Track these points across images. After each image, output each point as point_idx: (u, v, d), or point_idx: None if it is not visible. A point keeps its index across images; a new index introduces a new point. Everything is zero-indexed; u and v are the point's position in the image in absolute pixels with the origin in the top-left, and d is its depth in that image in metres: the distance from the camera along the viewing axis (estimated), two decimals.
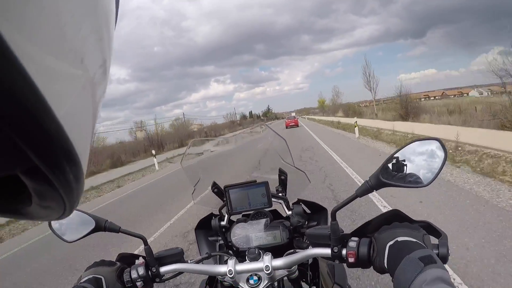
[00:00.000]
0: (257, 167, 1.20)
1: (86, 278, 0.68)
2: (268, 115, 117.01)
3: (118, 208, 6.26)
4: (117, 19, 0.23)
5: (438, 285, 0.44)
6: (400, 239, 0.56)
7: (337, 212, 0.62)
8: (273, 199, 0.88)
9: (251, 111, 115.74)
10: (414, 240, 0.55)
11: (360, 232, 0.67)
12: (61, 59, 0.15)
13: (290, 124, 26.35)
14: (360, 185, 0.59)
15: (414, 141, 0.57)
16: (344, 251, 0.62)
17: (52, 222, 0.74)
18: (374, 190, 0.57)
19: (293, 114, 46.15)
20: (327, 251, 0.64)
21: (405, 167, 0.55)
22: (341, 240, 0.63)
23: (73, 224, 0.75)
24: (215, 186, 0.97)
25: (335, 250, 0.63)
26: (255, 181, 0.88)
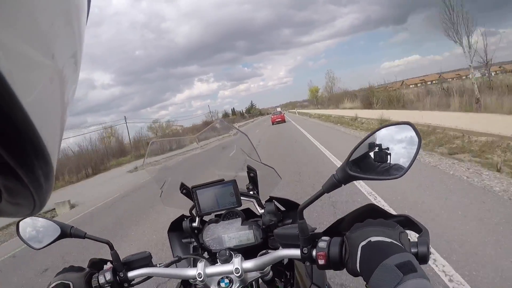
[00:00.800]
0: (224, 165, 1.23)
1: (54, 284, 0.72)
2: (252, 112, 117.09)
3: None
4: (89, 13, 0.24)
5: None
6: (373, 239, 0.53)
7: (304, 210, 0.60)
8: (243, 198, 0.89)
9: (233, 108, 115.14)
10: (389, 240, 0.52)
11: (332, 230, 0.67)
12: (31, 50, 0.16)
13: (276, 120, 26.03)
14: None
15: (382, 127, 0.53)
16: (314, 252, 0.61)
17: (20, 230, 0.79)
18: (343, 184, 0.54)
19: (279, 109, 44.25)
20: (296, 252, 0.64)
21: (374, 156, 0.52)
22: (311, 240, 0.62)
23: (40, 232, 0.79)
24: (183, 187, 0.98)
25: (305, 251, 0.62)
26: (223, 179, 0.89)
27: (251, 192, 0.98)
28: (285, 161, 6.46)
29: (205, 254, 0.94)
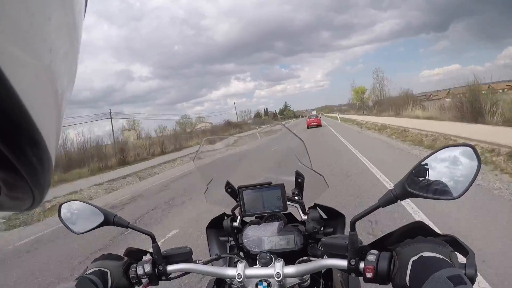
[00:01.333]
0: (272, 168, 1.27)
1: (92, 270, 0.75)
2: (285, 113, 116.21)
3: None
4: (86, 7, 0.26)
5: None
6: (425, 254, 0.56)
7: (356, 222, 0.64)
8: (288, 203, 0.93)
9: (266, 109, 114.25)
10: (441, 256, 0.55)
11: (380, 244, 0.69)
12: (28, 45, 0.16)
13: (312, 123, 25.96)
14: None
15: (443, 148, 0.56)
16: (361, 265, 0.64)
17: (62, 212, 0.84)
18: (399, 200, 0.58)
19: (314, 112, 42.85)
20: (343, 263, 0.66)
21: (432, 176, 0.55)
22: (359, 252, 0.65)
23: (83, 216, 0.83)
24: (228, 185, 1.03)
25: (352, 263, 0.65)
26: (270, 182, 0.93)
27: (296, 198, 1.01)
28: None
29: (241, 255, 0.98)
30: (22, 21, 0.16)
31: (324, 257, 0.74)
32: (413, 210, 3.39)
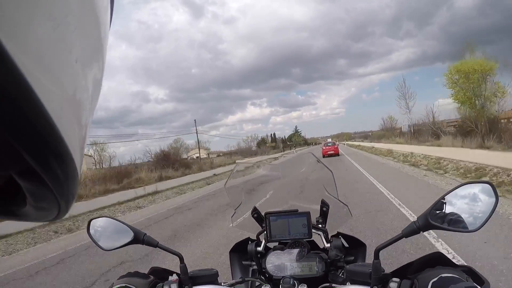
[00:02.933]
0: (298, 195, 1.47)
1: (118, 286, 0.86)
2: (294, 139, 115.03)
3: None
4: (112, 16, 0.30)
5: None
6: (444, 275, 0.69)
7: (380, 252, 0.78)
8: (313, 230, 1.10)
9: (273, 134, 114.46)
10: (459, 277, 0.68)
11: (401, 273, 0.83)
12: (55, 61, 0.19)
13: (328, 152, 25.83)
14: None
15: (464, 184, 0.71)
16: None
17: (91, 228, 0.95)
18: (421, 231, 0.73)
19: (330, 139, 43.25)
20: None
21: (453, 209, 0.70)
22: (382, 280, 0.79)
23: (112, 233, 0.95)
24: (255, 211, 1.22)
25: None
26: (297, 210, 1.10)
27: (320, 225, 1.19)
28: None
29: (263, 279, 1.13)
30: (48, 34, 0.18)
31: (347, 284, 0.89)
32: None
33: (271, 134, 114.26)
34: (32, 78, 0.17)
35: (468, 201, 0.69)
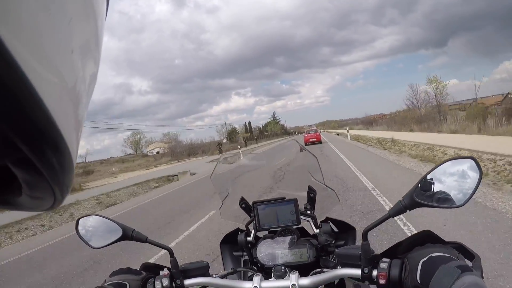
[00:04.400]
0: (284, 183, 1.63)
1: (110, 282, 0.96)
2: (270, 129, 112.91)
3: None
4: (108, 7, 0.34)
5: None
6: (434, 254, 0.77)
7: (368, 233, 0.86)
8: (301, 217, 1.23)
9: (248, 123, 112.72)
10: (449, 255, 0.76)
11: (391, 253, 0.93)
12: (51, 51, 0.21)
13: (310, 140, 29.76)
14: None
15: (447, 160, 0.78)
16: (374, 272, 0.86)
17: (79, 228, 1.05)
18: (408, 210, 0.80)
19: (314, 128, 45.50)
20: (357, 271, 0.89)
21: (438, 186, 0.77)
22: (372, 261, 0.87)
23: (100, 231, 1.05)
24: (243, 201, 1.36)
25: (366, 271, 0.87)
26: (284, 198, 1.23)
27: (309, 212, 1.34)
28: None
29: (255, 269, 1.25)
30: (43, 25, 0.20)
31: (338, 267, 0.99)
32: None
33: (245, 123, 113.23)
34: (27, 67, 0.18)
35: (452, 177, 0.77)
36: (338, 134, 46.97)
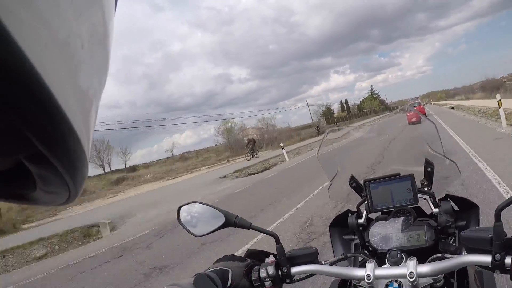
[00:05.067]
0: (398, 156, 1.58)
1: (213, 269, 0.97)
2: (368, 105, 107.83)
3: None
4: (117, 5, 0.36)
5: None
6: None
7: (502, 212, 0.77)
8: (418, 195, 1.16)
9: (345, 100, 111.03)
10: None
11: None
12: (62, 45, 0.23)
13: (412, 120, 24.92)
14: None
15: None
16: (508, 260, 0.77)
17: (182, 216, 1.10)
18: None
19: (418, 100, 42.86)
20: (486, 258, 0.80)
21: None
22: (505, 246, 0.78)
23: (204, 218, 1.08)
24: (353, 180, 1.34)
25: (497, 258, 0.78)
26: (399, 174, 1.18)
27: (426, 189, 1.27)
28: None
29: (367, 254, 1.21)
30: (54, 19, 0.22)
31: (463, 253, 0.92)
32: None
33: (341, 101, 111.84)
34: (37, 60, 0.20)
35: None
36: (453, 108, 35.13)
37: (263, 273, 1.01)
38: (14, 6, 0.18)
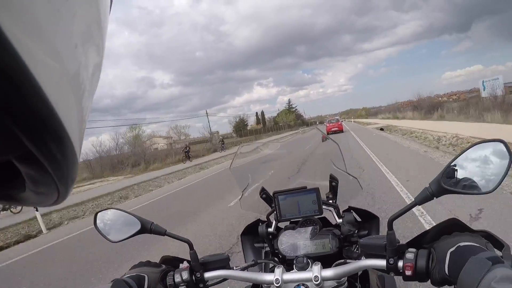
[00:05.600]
0: (306, 172, 1.75)
1: (129, 275, 1.03)
2: (283, 120, 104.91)
3: None
4: (111, 6, 0.37)
5: (510, 284, 0.62)
6: (462, 244, 0.80)
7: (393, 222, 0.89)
8: (323, 206, 1.31)
9: (261, 113, 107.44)
10: (477, 245, 0.78)
11: (417, 242, 0.97)
12: (55, 43, 0.23)
13: (332, 129, 33.79)
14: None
15: (475, 144, 0.81)
16: (400, 263, 0.90)
17: (98, 222, 1.14)
18: (435, 197, 0.84)
19: (337, 117, 49.26)
20: (382, 262, 0.94)
21: (466, 172, 0.81)
22: (397, 251, 0.92)
23: (119, 225, 1.13)
24: (263, 191, 1.47)
25: (391, 262, 0.92)
26: (306, 187, 1.32)
27: (331, 201, 1.44)
28: None
29: (276, 260, 1.35)
30: (48, 18, 0.22)
31: (362, 258, 1.05)
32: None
33: (256, 113, 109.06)
34: (28, 57, 0.20)
35: (480, 162, 0.80)
36: (382, 129, 29.15)
37: (177, 278, 1.10)
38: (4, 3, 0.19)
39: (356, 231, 1.33)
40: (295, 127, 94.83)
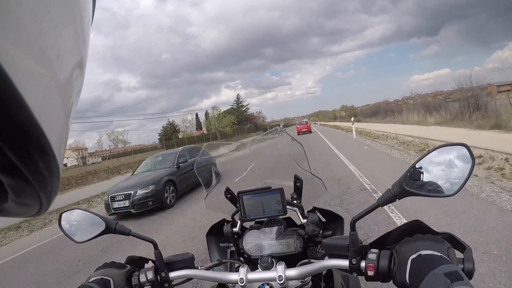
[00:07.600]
0: (271, 172, 1.82)
1: (94, 278, 1.06)
2: (214, 127, 76.53)
3: None
4: (94, 14, 0.40)
5: None
6: (423, 252, 0.83)
7: (356, 222, 0.93)
8: (288, 207, 1.40)
9: (196, 115, 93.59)
10: (439, 254, 0.81)
11: (379, 243, 1.03)
12: (37, 52, 0.24)
13: (302, 130, 39.50)
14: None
15: (438, 147, 0.84)
16: (363, 264, 0.95)
17: (63, 222, 1.18)
18: (397, 199, 0.87)
19: (305, 119, 54.81)
20: (344, 262, 0.98)
21: (428, 175, 0.83)
22: (360, 251, 0.96)
23: (83, 225, 1.17)
24: (228, 191, 1.54)
25: (354, 262, 0.96)
26: (270, 187, 1.40)
27: (295, 201, 1.52)
28: None
29: (242, 260, 1.40)
30: (30, 30, 0.23)
31: (325, 258, 1.08)
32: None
33: (196, 114, 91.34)
34: (13, 71, 0.21)
35: (443, 165, 0.83)
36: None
37: (142, 278, 1.14)
38: None
39: (321, 231, 1.41)
40: (241, 135, 75.32)
